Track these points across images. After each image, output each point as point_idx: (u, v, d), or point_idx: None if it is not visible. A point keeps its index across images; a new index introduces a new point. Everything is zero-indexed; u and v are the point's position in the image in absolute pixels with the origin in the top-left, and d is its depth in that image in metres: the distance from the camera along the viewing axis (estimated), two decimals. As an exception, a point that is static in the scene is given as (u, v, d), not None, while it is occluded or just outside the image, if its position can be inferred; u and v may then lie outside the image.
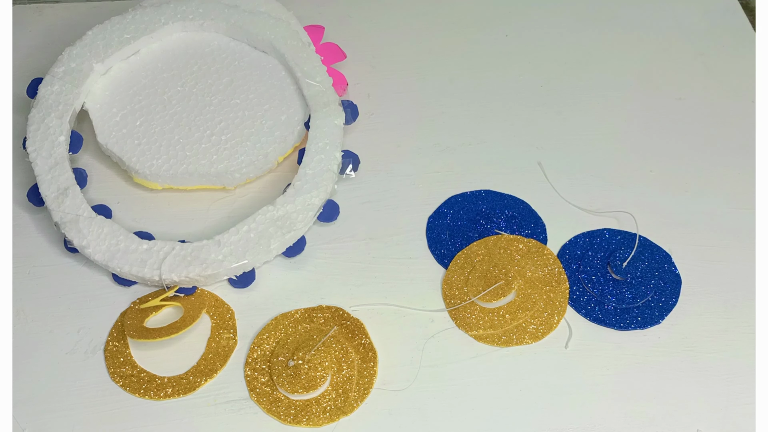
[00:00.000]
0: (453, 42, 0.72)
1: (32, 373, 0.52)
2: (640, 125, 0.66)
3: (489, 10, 0.75)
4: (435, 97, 0.68)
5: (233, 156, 0.60)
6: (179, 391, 0.51)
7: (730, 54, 0.72)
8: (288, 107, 0.62)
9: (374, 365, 0.52)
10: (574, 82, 0.69)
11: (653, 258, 0.57)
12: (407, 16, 0.74)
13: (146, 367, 0.52)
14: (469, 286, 0.55)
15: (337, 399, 0.50)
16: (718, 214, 0.60)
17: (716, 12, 0.75)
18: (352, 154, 0.61)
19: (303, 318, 0.54)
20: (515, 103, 0.68)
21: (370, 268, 0.57)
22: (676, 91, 0.69)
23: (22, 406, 0.50)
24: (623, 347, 0.53)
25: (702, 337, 0.54)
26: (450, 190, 0.61)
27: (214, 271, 0.54)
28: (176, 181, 0.60)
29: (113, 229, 0.55)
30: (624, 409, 0.51)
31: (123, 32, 0.63)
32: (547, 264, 0.57)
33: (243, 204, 0.60)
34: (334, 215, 0.59)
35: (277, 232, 0.55)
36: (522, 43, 0.72)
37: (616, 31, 0.74)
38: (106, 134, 0.60)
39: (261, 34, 0.64)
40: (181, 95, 0.63)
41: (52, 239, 0.58)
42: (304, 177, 0.58)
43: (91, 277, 0.56)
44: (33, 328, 0.54)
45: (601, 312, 0.55)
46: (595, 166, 0.63)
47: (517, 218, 0.59)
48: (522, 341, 0.53)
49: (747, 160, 0.64)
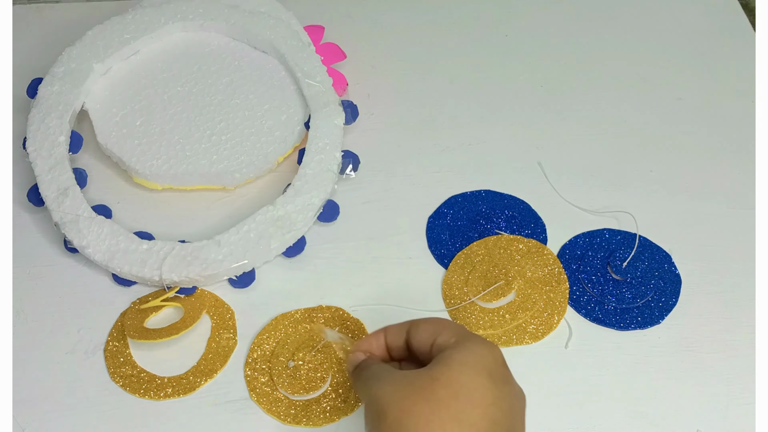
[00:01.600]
0: (453, 42, 0.72)
1: (32, 373, 0.52)
2: (640, 125, 0.66)
3: (489, 10, 0.75)
4: (435, 97, 0.68)
5: (233, 156, 0.60)
6: (179, 391, 0.51)
7: (730, 54, 0.72)
8: (288, 107, 0.62)
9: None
10: (574, 82, 0.69)
11: (653, 258, 0.57)
12: (407, 16, 0.74)
13: (146, 367, 0.52)
14: (469, 286, 0.55)
15: (337, 399, 0.50)
16: (718, 214, 0.60)
17: (716, 12, 0.75)
18: (352, 154, 0.61)
19: (303, 318, 0.54)
20: (515, 103, 0.68)
21: (370, 268, 0.57)
22: (676, 91, 0.69)
23: (22, 406, 0.50)
24: (623, 347, 0.53)
25: (702, 337, 0.54)
26: (450, 190, 0.61)
27: (214, 271, 0.54)
28: (176, 181, 0.60)
29: (113, 229, 0.55)
30: (624, 409, 0.51)
31: (123, 32, 0.63)
32: (547, 264, 0.57)
33: (243, 204, 0.60)
34: (334, 215, 0.59)
35: (277, 232, 0.55)
36: (522, 43, 0.72)
37: (616, 31, 0.74)
38: (106, 134, 0.60)
39: (261, 34, 0.64)
40: (181, 95, 0.63)
41: (52, 239, 0.58)
42: (304, 177, 0.58)
43: (91, 277, 0.56)
44: (33, 328, 0.54)
45: (601, 312, 0.55)
46: (595, 166, 0.63)
47: (517, 218, 0.59)
48: (522, 341, 0.53)
49: (747, 160, 0.64)
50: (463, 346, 0.41)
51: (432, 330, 0.43)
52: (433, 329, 0.43)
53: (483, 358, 0.40)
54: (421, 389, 0.39)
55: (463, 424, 0.38)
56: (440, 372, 0.40)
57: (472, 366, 0.40)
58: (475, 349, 0.41)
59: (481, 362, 0.40)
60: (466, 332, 0.43)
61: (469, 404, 0.38)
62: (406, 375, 0.41)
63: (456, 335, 0.42)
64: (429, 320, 0.44)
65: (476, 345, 0.41)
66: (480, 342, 0.41)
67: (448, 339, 0.42)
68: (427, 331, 0.43)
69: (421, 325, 0.44)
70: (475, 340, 0.42)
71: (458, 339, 0.42)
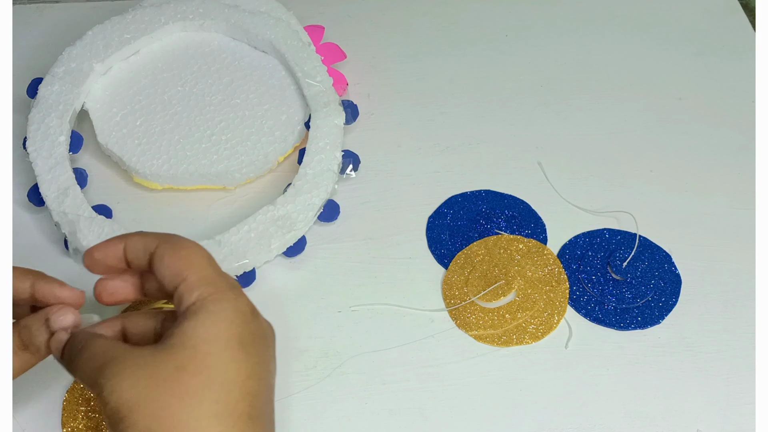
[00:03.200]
0: (453, 42, 0.72)
1: (32, 373, 0.52)
2: (640, 125, 0.66)
3: (489, 10, 0.75)
4: (435, 97, 0.68)
5: (233, 156, 0.60)
6: (179, 391, 0.51)
7: (730, 54, 0.72)
8: (288, 107, 0.62)
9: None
10: (574, 82, 0.69)
11: (653, 258, 0.57)
12: (407, 16, 0.74)
13: (146, 367, 0.52)
14: (469, 286, 0.56)
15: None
16: (718, 214, 0.60)
17: (716, 12, 0.75)
18: (352, 154, 0.61)
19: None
20: (515, 103, 0.68)
21: (370, 268, 0.57)
22: (676, 91, 0.69)
23: (22, 406, 0.50)
24: (623, 347, 0.53)
25: (702, 337, 0.54)
26: (450, 190, 0.61)
27: (214, 271, 0.54)
28: (176, 181, 0.60)
29: (114, 229, 0.55)
30: (624, 409, 0.51)
31: (123, 32, 0.63)
32: (547, 264, 0.57)
33: (243, 204, 0.60)
34: (334, 215, 0.59)
35: (277, 232, 0.55)
36: (522, 43, 0.72)
37: (616, 31, 0.74)
38: (106, 134, 0.60)
39: (261, 34, 0.64)
40: (182, 95, 0.63)
41: (52, 239, 0.58)
42: (304, 177, 0.58)
43: (91, 277, 0.56)
44: (33, 328, 0.54)
45: (601, 312, 0.55)
46: (595, 166, 0.63)
47: (517, 218, 0.59)
48: (522, 341, 0.53)
49: (747, 160, 0.64)
50: (207, 313, 0.36)
51: (177, 270, 0.38)
52: (179, 269, 0.38)
53: (231, 323, 0.36)
54: (167, 383, 0.34)
55: (221, 416, 0.34)
56: (185, 358, 0.35)
57: (221, 340, 0.35)
58: (221, 314, 0.36)
59: (229, 330, 0.36)
60: (210, 281, 0.37)
61: (223, 389, 0.35)
62: (144, 364, 0.35)
63: (198, 290, 0.37)
64: (176, 249, 0.38)
65: (221, 307, 0.36)
66: (224, 300, 0.37)
67: (190, 295, 0.37)
68: (171, 269, 0.38)
69: (165, 258, 0.38)
70: (218, 298, 0.37)
71: (200, 299, 0.37)
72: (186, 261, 0.38)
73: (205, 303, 0.37)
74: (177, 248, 0.38)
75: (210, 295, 0.37)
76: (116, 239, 0.40)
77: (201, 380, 0.34)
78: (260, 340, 0.37)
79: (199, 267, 0.38)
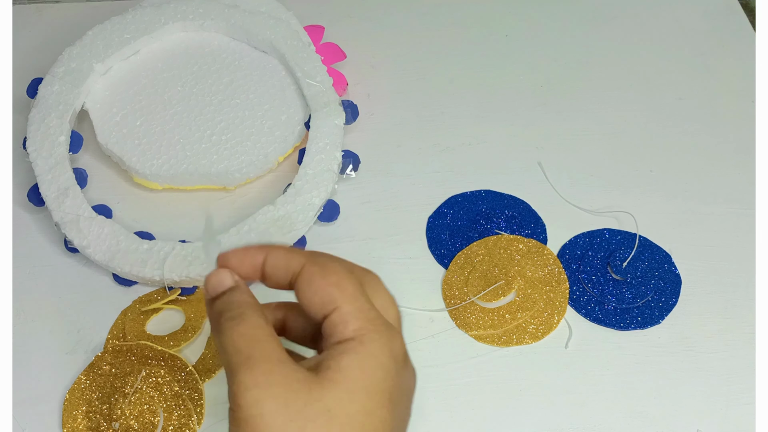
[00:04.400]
0: (453, 42, 0.72)
1: (32, 373, 0.52)
2: (640, 125, 0.66)
3: (489, 10, 0.75)
4: (435, 97, 0.68)
5: (233, 156, 0.60)
6: (179, 391, 0.51)
7: (730, 54, 0.72)
8: (288, 107, 0.62)
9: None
10: (574, 82, 0.69)
11: (653, 258, 0.57)
12: (407, 16, 0.74)
13: (146, 367, 0.52)
14: (469, 286, 0.56)
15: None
16: (718, 214, 0.60)
17: (716, 12, 0.75)
18: (352, 154, 0.61)
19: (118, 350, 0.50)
20: (515, 103, 0.68)
21: (370, 268, 0.57)
22: (676, 91, 0.69)
23: (22, 406, 0.50)
24: (623, 347, 0.53)
25: (702, 337, 0.54)
26: (450, 190, 0.61)
27: (214, 271, 0.54)
28: (176, 181, 0.60)
29: (114, 229, 0.55)
30: (624, 409, 0.51)
31: (123, 32, 0.63)
32: (547, 264, 0.57)
33: (243, 204, 0.60)
34: (334, 215, 0.59)
35: (277, 232, 0.55)
36: (522, 43, 0.72)
37: (616, 31, 0.74)
38: (106, 134, 0.60)
39: (261, 34, 0.64)
40: (181, 95, 0.63)
41: (52, 239, 0.58)
42: (304, 177, 0.58)
43: (91, 277, 0.56)
44: (33, 328, 0.54)
45: (601, 312, 0.55)
46: (595, 166, 0.63)
47: (517, 218, 0.59)
48: (522, 341, 0.53)
49: (747, 160, 0.64)
50: (366, 355, 0.34)
51: (329, 297, 0.35)
52: (331, 296, 0.35)
53: (387, 374, 0.34)
54: (311, 422, 0.32)
55: None
56: (337, 402, 0.33)
57: (375, 394, 0.33)
58: (379, 358, 0.34)
59: (384, 383, 0.34)
60: (365, 314, 0.35)
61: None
62: (295, 391, 0.32)
63: (354, 323, 0.34)
64: (326, 274, 0.35)
65: (379, 350, 0.34)
66: (381, 340, 0.34)
67: (345, 328, 0.34)
68: (320, 296, 0.35)
69: (314, 283, 0.35)
70: (375, 339, 0.34)
71: (358, 335, 0.34)
72: (338, 288, 0.35)
73: (364, 341, 0.34)
74: (327, 273, 0.36)
75: (368, 332, 0.34)
76: (257, 249, 0.37)
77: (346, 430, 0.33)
78: (406, 397, 0.36)
79: (353, 297, 0.35)
